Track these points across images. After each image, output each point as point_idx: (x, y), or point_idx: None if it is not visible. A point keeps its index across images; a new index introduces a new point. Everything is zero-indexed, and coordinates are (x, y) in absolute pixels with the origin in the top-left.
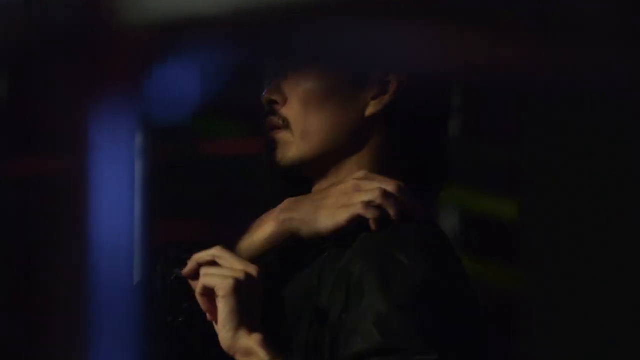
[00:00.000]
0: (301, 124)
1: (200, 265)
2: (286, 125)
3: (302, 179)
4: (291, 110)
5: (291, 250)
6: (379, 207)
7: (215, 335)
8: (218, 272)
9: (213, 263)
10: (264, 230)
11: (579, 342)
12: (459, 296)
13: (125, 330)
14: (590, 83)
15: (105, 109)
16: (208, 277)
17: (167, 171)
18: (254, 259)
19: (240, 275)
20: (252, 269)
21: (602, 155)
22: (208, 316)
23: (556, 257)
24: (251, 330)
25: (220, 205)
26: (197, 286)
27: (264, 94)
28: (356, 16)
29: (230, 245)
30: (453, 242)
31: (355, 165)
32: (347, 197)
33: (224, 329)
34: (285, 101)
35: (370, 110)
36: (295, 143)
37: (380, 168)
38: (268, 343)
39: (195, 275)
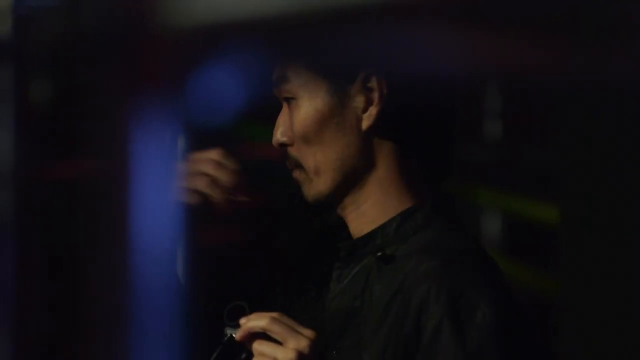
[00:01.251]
0: (310, 161)
1: (251, 333)
2: (299, 166)
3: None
4: (299, 151)
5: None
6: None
7: None
8: (270, 352)
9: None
10: None
11: (619, 347)
12: (520, 315)
13: (168, 332)
14: (635, 85)
15: (147, 112)
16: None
17: None
18: None
19: (291, 358)
20: (304, 344)
21: None
22: None
23: (597, 262)
24: None
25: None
26: None
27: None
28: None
29: None
30: (495, 245)
31: (374, 179)
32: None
33: None
34: (293, 141)
35: (365, 123)
36: (310, 181)
37: (395, 174)
38: None
39: (249, 340)
